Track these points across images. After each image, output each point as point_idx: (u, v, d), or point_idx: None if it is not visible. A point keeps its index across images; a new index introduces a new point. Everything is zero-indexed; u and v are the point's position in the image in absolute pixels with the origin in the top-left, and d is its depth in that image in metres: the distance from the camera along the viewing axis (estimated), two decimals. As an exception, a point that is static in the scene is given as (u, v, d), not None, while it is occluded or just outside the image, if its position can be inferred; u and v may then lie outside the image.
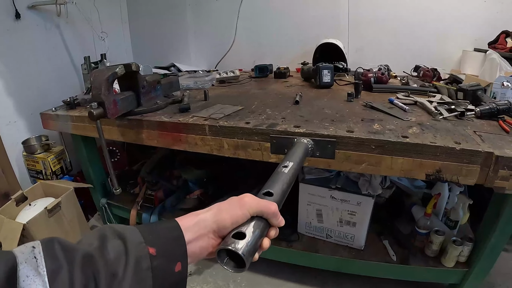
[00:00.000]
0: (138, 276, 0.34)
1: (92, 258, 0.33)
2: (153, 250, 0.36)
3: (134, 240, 0.37)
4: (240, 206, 0.44)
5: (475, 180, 0.86)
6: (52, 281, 0.29)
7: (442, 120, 1.03)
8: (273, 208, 0.45)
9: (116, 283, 0.33)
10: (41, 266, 0.29)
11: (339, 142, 0.88)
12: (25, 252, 0.30)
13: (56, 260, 0.31)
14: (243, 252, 0.39)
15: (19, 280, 0.28)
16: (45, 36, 1.80)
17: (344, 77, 1.59)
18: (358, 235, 1.23)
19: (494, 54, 1.36)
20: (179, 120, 1.05)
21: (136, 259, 0.35)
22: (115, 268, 0.34)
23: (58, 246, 0.32)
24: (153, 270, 0.36)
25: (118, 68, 1.09)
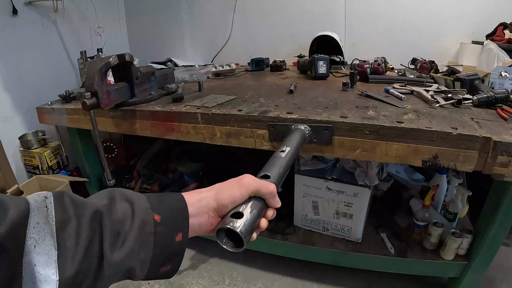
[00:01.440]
0: (141, 239, 0.36)
1: (100, 215, 0.35)
2: (158, 217, 0.38)
3: (142, 205, 0.38)
4: (239, 186, 0.45)
5: (473, 167, 0.83)
6: (60, 230, 0.31)
7: (439, 108, 1.02)
8: (271, 189, 0.46)
9: (120, 242, 0.35)
10: (50, 216, 0.31)
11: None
12: (38, 201, 0.31)
13: (65, 213, 0.32)
14: (241, 230, 0.40)
15: (29, 225, 0.29)
16: (42, 32, 1.80)
17: (341, 70, 1.58)
18: (355, 227, 1.21)
19: (491, 45, 1.35)
20: (172, 109, 1.04)
21: (141, 222, 0.36)
22: (120, 227, 0.35)
23: (68, 199, 0.34)
24: (155, 235, 0.37)
25: (111, 58, 1.08)
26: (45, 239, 0.29)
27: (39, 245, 0.29)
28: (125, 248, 0.35)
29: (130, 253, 0.35)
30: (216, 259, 1.48)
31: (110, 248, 0.34)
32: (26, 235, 0.28)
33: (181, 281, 1.38)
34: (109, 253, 0.33)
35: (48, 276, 0.28)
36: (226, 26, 2.06)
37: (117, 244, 0.34)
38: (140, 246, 0.36)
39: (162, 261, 0.38)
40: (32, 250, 0.28)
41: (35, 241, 0.29)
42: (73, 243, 0.31)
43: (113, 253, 0.34)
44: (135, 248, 0.35)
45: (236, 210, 0.43)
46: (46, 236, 0.30)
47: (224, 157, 1.56)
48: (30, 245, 0.28)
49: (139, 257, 0.36)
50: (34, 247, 0.28)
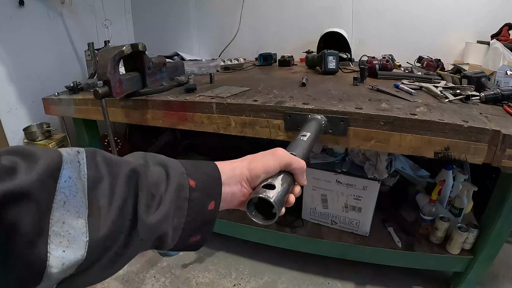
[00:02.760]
0: (176, 203, 0.34)
1: (137, 175, 0.32)
2: (193, 182, 0.36)
3: (177, 169, 0.36)
4: (273, 157, 0.44)
5: (483, 159, 0.85)
6: (92, 189, 0.28)
7: (448, 103, 1.04)
8: (302, 164, 0.46)
9: (155, 204, 0.33)
10: (83, 172, 0.29)
11: (348, 119, 0.87)
12: (71, 154, 0.29)
13: (98, 171, 0.30)
14: (275, 200, 0.39)
15: (60, 179, 0.27)
16: (48, 24, 1.79)
17: (349, 66, 1.60)
18: (363, 220, 1.22)
19: (497, 44, 1.37)
20: (185, 99, 1.05)
21: (177, 186, 0.35)
22: (155, 190, 0.33)
23: (101, 158, 0.31)
24: (190, 201, 0.35)
25: (125, 47, 1.08)
26: (76, 196, 0.27)
27: (69, 201, 0.27)
28: (160, 211, 0.33)
29: (165, 218, 0.33)
30: (223, 252, 1.48)
31: (146, 210, 0.32)
32: (57, 188, 0.26)
33: (187, 274, 1.38)
34: (144, 215, 0.31)
35: (78, 236, 0.26)
36: (234, 21, 2.07)
37: (152, 207, 0.32)
38: (174, 211, 0.34)
39: (193, 229, 0.37)
40: (61, 206, 0.26)
41: (65, 196, 0.26)
42: (106, 202, 0.29)
43: (148, 216, 0.31)
44: (170, 213, 0.33)
45: (268, 182, 0.42)
46: (78, 193, 0.27)
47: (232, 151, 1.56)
48: (60, 200, 0.26)
49: (172, 222, 0.34)
50: (64, 203, 0.26)
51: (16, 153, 0.27)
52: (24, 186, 0.24)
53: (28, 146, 0.29)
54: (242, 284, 1.31)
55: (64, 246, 0.26)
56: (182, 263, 1.43)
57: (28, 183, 0.24)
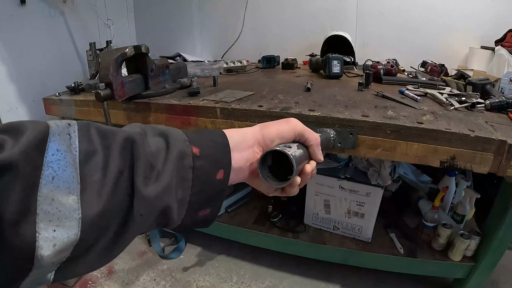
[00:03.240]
0: (179, 173, 0.31)
1: (132, 143, 0.29)
2: (196, 150, 0.33)
3: (178, 137, 0.33)
4: (288, 124, 0.41)
5: (488, 169, 0.85)
6: (84, 163, 0.25)
7: (453, 111, 1.03)
8: (317, 136, 0.43)
9: (154, 175, 0.29)
10: (74, 145, 0.26)
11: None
12: (60, 126, 0.26)
13: (91, 143, 0.27)
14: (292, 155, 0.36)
15: (47, 152, 0.24)
16: (50, 23, 1.77)
17: (353, 70, 1.59)
18: (366, 226, 1.22)
19: (502, 50, 1.37)
20: (189, 103, 1.03)
21: (178, 153, 0.31)
22: (154, 160, 0.30)
23: (94, 131, 0.28)
24: (195, 170, 0.32)
25: (127, 49, 1.07)
26: (66, 170, 0.24)
27: (59, 176, 0.24)
28: (161, 182, 0.29)
29: (166, 189, 0.29)
30: (223, 256, 1.47)
31: (144, 181, 0.28)
32: (43, 163, 0.23)
33: (188, 278, 1.37)
34: (142, 187, 0.28)
35: (69, 213, 0.24)
36: (237, 22, 2.05)
37: (151, 178, 0.29)
38: (177, 182, 0.30)
39: (202, 202, 0.33)
40: (49, 182, 0.23)
41: (53, 171, 0.23)
42: (100, 176, 0.26)
43: (147, 187, 0.28)
44: (172, 184, 0.30)
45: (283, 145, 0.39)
46: (68, 167, 0.24)
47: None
48: (48, 175, 0.23)
49: (176, 195, 0.31)
50: (52, 179, 0.23)
51: (3, 130, 0.24)
52: (6, 160, 0.22)
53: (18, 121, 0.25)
54: (243, 288, 1.31)
55: (54, 225, 0.23)
56: (182, 266, 1.43)
57: (11, 156, 0.22)
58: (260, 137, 0.39)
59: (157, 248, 1.49)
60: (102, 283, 1.35)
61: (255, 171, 0.39)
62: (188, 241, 1.55)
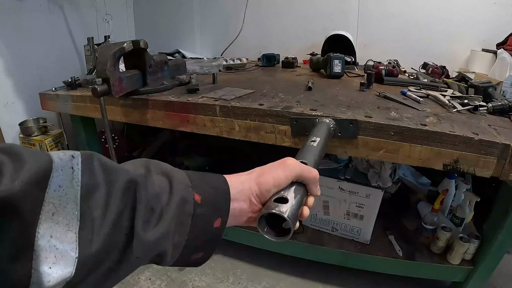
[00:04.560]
0: (178, 219, 0.31)
1: (135, 185, 0.29)
2: (198, 197, 0.33)
3: (181, 181, 0.33)
4: (283, 169, 0.41)
5: (491, 172, 0.84)
6: (85, 199, 0.25)
7: (456, 113, 1.02)
8: (314, 174, 0.43)
9: (154, 220, 0.30)
10: (76, 180, 0.25)
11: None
12: (63, 159, 0.26)
13: (93, 178, 0.27)
14: (288, 216, 0.36)
15: (49, 188, 0.24)
16: (48, 17, 1.74)
17: (354, 70, 1.58)
18: (365, 228, 1.21)
19: (505, 54, 1.36)
20: (188, 100, 1.01)
21: (180, 200, 0.32)
22: (155, 203, 0.30)
23: (98, 163, 0.28)
24: (194, 217, 0.33)
25: (126, 44, 1.04)
26: (67, 207, 0.24)
27: (59, 212, 0.24)
28: (160, 228, 0.30)
29: (164, 235, 0.30)
30: (220, 256, 1.45)
31: (143, 225, 0.29)
32: (45, 198, 0.23)
33: (184, 278, 1.35)
34: (142, 231, 0.28)
35: (66, 251, 0.24)
36: (238, 20, 2.03)
37: (151, 222, 0.29)
38: (176, 228, 0.31)
39: (196, 247, 0.34)
40: (49, 218, 0.23)
41: (54, 207, 0.24)
42: (100, 214, 0.26)
43: (146, 232, 0.28)
44: (170, 229, 0.31)
45: (280, 195, 0.39)
46: (69, 203, 0.24)
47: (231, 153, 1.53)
48: (48, 211, 0.23)
49: (173, 240, 0.31)
50: (52, 215, 0.23)
51: (3, 150, 0.24)
52: (5, 196, 0.21)
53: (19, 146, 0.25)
54: (240, 289, 1.29)
55: (50, 263, 0.23)
56: (178, 266, 1.41)
57: (11, 192, 0.21)
58: (257, 188, 0.39)
59: (153, 247, 1.46)
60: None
61: (251, 219, 0.40)
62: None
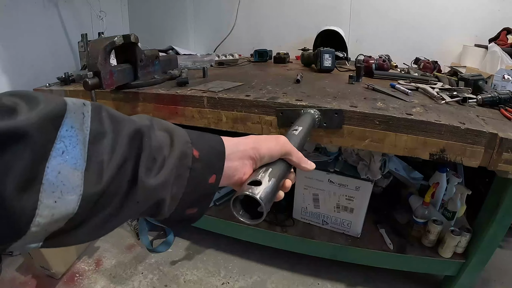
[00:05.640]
0: (178, 171, 0.33)
1: (142, 135, 0.31)
2: (196, 152, 0.35)
3: (182, 137, 0.35)
4: (276, 143, 0.43)
5: (479, 162, 0.84)
6: (93, 144, 0.27)
7: (444, 104, 1.02)
8: (300, 155, 0.47)
9: (156, 168, 0.31)
10: (86, 125, 0.27)
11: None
12: (76, 104, 0.27)
13: (102, 125, 0.28)
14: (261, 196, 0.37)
15: (62, 127, 0.25)
16: (42, 13, 1.75)
17: (345, 65, 1.58)
18: (355, 221, 1.21)
19: (496, 47, 1.37)
20: (176, 92, 1.02)
21: (180, 153, 0.33)
22: (157, 154, 0.32)
23: (106, 113, 0.29)
24: (191, 171, 0.34)
25: (116, 38, 1.05)
26: (76, 147, 0.26)
27: (68, 151, 0.25)
28: (161, 176, 0.31)
29: (164, 183, 0.32)
30: (212, 250, 1.45)
31: (146, 172, 0.30)
32: (57, 136, 0.25)
33: (176, 272, 1.35)
34: (145, 177, 0.30)
35: (72, 188, 0.25)
36: (231, 16, 2.04)
37: (153, 170, 0.31)
38: (175, 179, 0.33)
39: (191, 201, 0.36)
40: (59, 155, 0.25)
41: (64, 146, 0.25)
42: (106, 158, 0.27)
43: (148, 178, 0.30)
44: (170, 179, 0.32)
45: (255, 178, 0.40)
46: (78, 144, 0.26)
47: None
48: (59, 149, 0.25)
49: (171, 190, 0.33)
50: (62, 153, 0.25)
51: (18, 95, 0.25)
52: (21, 127, 0.22)
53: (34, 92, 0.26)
54: (231, 282, 1.29)
55: (56, 197, 0.24)
56: (170, 260, 1.41)
57: (26, 124, 0.23)
58: (252, 153, 0.41)
59: (145, 242, 1.47)
60: (90, 276, 1.33)
61: (242, 181, 0.41)
62: (176, 234, 1.53)
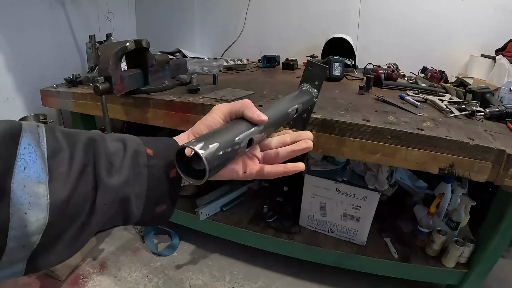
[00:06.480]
0: (135, 170, 0.35)
1: (94, 142, 0.33)
2: (150, 151, 0.37)
3: (133, 140, 0.37)
4: (211, 112, 0.41)
5: (486, 177, 0.85)
6: (52, 158, 0.29)
7: (453, 118, 1.03)
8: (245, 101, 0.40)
9: (115, 169, 0.33)
10: (42, 143, 0.29)
11: (354, 130, 0.86)
12: (31, 125, 0.30)
13: (57, 142, 0.30)
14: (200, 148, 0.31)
15: (20, 145, 0.27)
16: (49, 12, 1.74)
17: (353, 73, 1.59)
18: (361, 230, 1.22)
19: (503, 60, 1.38)
20: (188, 100, 1.02)
21: (133, 152, 0.35)
22: (113, 159, 0.34)
23: (60, 133, 0.32)
24: (150, 168, 0.36)
25: (128, 43, 1.06)
26: (36, 162, 0.27)
27: (30, 167, 0.27)
28: (121, 175, 0.33)
29: (125, 182, 0.33)
30: (217, 255, 1.46)
31: (106, 174, 0.32)
32: (17, 154, 0.26)
33: (181, 276, 1.36)
34: (106, 178, 0.32)
35: (39, 198, 0.27)
36: (239, 20, 2.03)
37: (112, 171, 0.33)
38: (134, 177, 0.34)
39: (158, 198, 0.37)
40: (22, 171, 0.26)
41: (25, 162, 0.26)
42: (66, 169, 0.29)
43: (109, 179, 0.32)
44: (130, 177, 0.34)
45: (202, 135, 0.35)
46: (37, 159, 0.27)
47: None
48: (20, 166, 0.26)
49: (134, 188, 0.34)
50: (24, 169, 0.26)
51: None
52: None
53: None
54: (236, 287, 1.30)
55: (25, 209, 0.26)
56: (175, 264, 1.42)
57: None
58: (192, 136, 0.41)
59: (151, 245, 1.47)
60: (94, 278, 1.33)
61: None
62: (181, 238, 1.54)
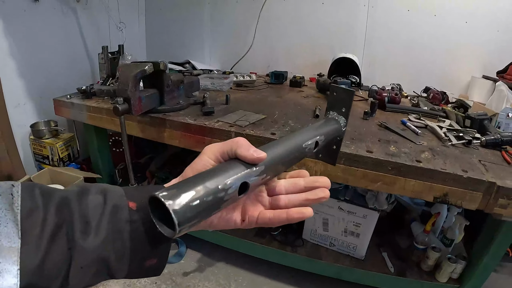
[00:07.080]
0: (114, 227, 0.32)
1: (68, 201, 0.32)
2: (133, 204, 0.34)
3: (115, 193, 0.35)
4: (200, 156, 0.36)
5: (477, 206, 0.93)
6: (26, 220, 0.28)
7: (451, 146, 1.10)
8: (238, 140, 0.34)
9: (91, 230, 0.32)
10: (16, 204, 0.29)
11: (359, 161, 0.93)
12: (3, 187, 0.29)
13: (34, 202, 0.30)
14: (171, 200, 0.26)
15: None
16: (61, 21, 1.78)
17: (358, 92, 1.65)
18: (360, 245, 1.30)
19: (502, 86, 1.44)
20: (204, 124, 1.08)
21: (112, 208, 0.33)
22: (90, 217, 0.32)
23: (38, 190, 0.31)
24: (132, 223, 0.33)
25: (147, 66, 1.11)
26: (7, 226, 0.27)
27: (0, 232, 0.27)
28: (99, 235, 0.31)
29: (103, 241, 0.31)
30: (223, 263, 1.54)
31: (81, 236, 0.31)
32: None
33: (188, 283, 1.43)
34: (81, 240, 0.30)
35: (9, 264, 0.26)
36: (248, 35, 2.07)
37: (88, 233, 0.31)
38: (115, 234, 0.32)
39: (146, 253, 0.34)
40: None
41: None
42: (39, 230, 0.28)
43: (85, 241, 0.31)
44: (109, 236, 0.32)
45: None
46: (9, 223, 0.27)
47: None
48: None
49: (114, 246, 0.32)
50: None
51: None
52: None
53: None
54: (241, 295, 1.38)
55: None
56: (183, 271, 1.49)
57: None
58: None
59: (160, 252, 1.54)
60: (105, 283, 1.40)
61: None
62: (188, 246, 1.61)
